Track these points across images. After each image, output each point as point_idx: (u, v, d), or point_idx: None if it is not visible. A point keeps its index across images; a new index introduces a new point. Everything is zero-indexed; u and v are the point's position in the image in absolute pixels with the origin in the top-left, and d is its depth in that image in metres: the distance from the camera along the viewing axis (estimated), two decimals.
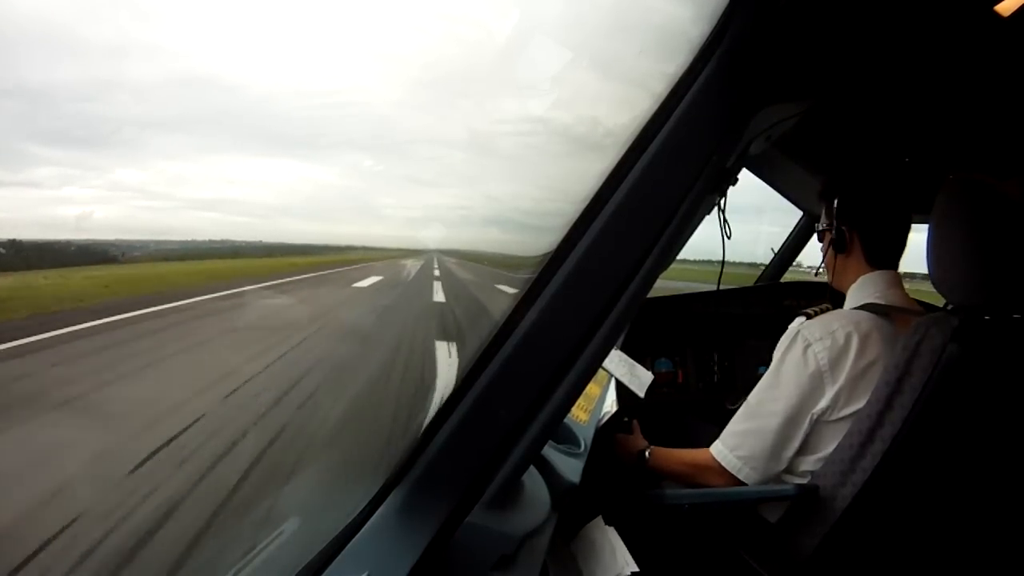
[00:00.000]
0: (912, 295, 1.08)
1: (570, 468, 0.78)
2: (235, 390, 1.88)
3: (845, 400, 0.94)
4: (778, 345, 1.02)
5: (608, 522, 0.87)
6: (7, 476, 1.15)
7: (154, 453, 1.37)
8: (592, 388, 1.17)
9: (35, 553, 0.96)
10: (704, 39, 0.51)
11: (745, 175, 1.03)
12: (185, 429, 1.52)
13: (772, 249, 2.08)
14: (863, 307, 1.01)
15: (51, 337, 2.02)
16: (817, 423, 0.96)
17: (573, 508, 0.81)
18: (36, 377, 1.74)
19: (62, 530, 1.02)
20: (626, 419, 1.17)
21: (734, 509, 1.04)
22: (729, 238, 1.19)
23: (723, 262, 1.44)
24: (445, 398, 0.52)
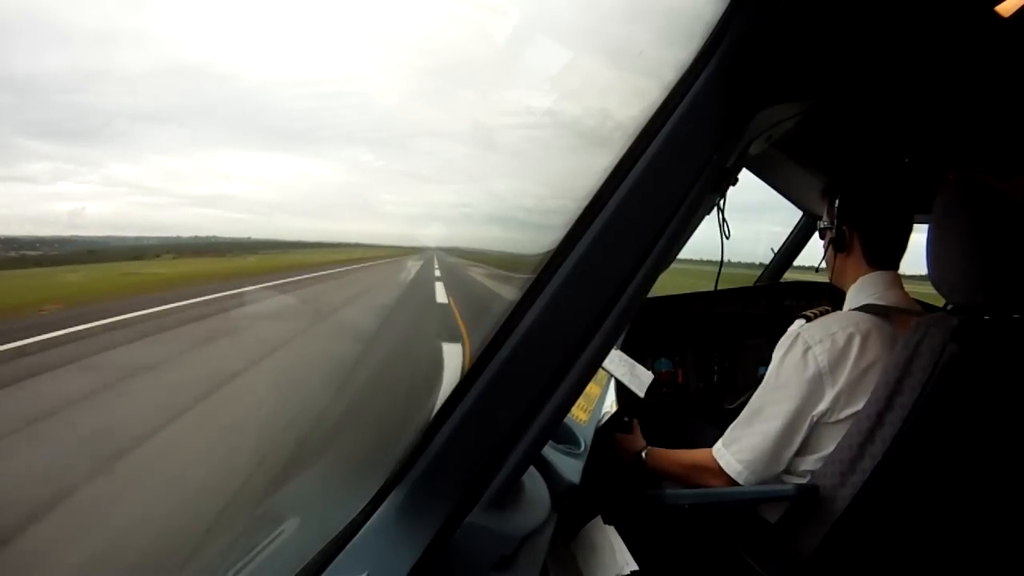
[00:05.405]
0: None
1: (570, 468, 0.78)
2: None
3: (845, 401, 0.93)
4: (777, 347, 1.02)
5: (608, 522, 0.87)
6: None
7: None
8: (592, 388, 1.17)
9: None
10: (704, 39, 0.51)
11: (745, 175, 1.04)
12: None
13: (772, 249, 2.08)
14: (863, 308, 1.01)
15: None
16: (817, 424, 0.96)
17: (573, 508, 0.81)
18: None
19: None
20: (626, 419, 1.17)
21: (734, 509, 1.04)
22: (728, 238, 1.19)
23: (721, 262, 1.45)
24: (445, 398, 0.52)
